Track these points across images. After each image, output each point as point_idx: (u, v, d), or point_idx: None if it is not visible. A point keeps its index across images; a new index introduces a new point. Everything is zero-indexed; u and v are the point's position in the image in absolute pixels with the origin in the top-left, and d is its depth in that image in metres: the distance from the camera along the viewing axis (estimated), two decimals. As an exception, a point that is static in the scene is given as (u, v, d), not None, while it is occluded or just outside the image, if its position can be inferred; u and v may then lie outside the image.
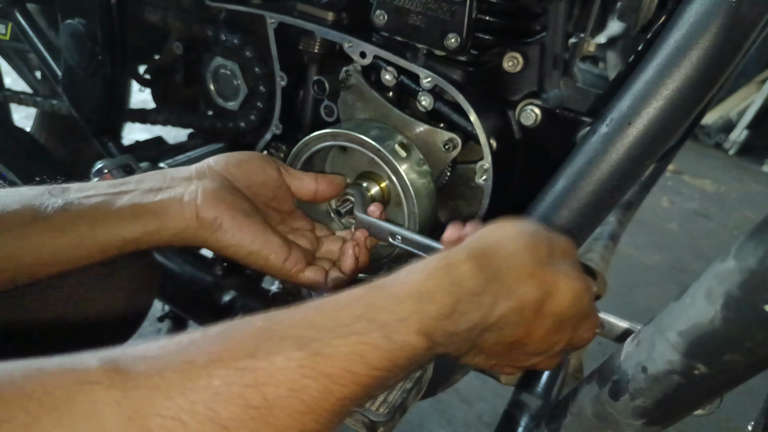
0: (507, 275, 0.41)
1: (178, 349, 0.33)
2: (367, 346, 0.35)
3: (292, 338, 0.34)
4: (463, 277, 0.40)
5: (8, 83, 1.52)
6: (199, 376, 0.31)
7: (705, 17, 0.52)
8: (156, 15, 0.89)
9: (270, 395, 0.32)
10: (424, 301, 0.38)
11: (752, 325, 0.30)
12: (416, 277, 0.40)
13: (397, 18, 0.66)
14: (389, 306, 0.38)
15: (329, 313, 0.37)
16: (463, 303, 0.39)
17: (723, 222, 2.72)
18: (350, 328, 0.36)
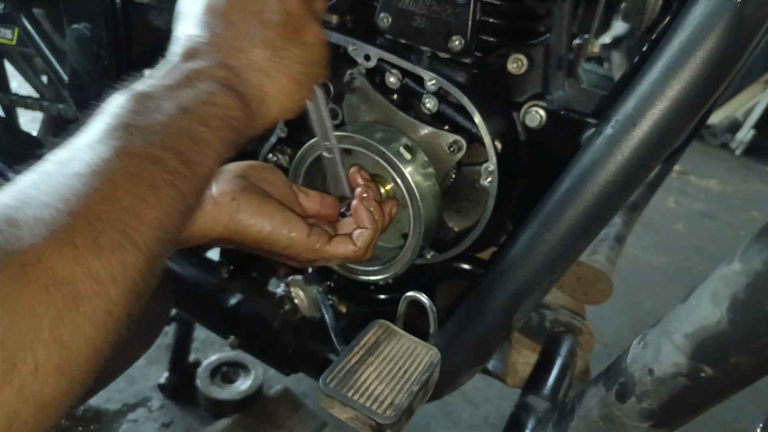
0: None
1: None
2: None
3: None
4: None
5: (14, 87, 1.53)
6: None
7: (709, 18, 0.52)
8: (161, 19, 0.89)
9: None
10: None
11: (758, 328, 0.30)
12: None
13: (401, 21, 0.67)
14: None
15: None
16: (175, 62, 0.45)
17: (729, 222, 2.71)
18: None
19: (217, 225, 0.54)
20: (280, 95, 0.49)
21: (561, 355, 0.74)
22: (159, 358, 1.52)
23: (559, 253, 0.61)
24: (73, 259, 0.30)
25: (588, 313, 0.93)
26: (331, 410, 0.55)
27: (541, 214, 0.62)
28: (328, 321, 0.75)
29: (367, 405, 0.52)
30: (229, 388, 1.46)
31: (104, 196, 0.33)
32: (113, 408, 1.44)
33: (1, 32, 1.10)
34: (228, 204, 0.53)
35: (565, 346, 0.77)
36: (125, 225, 0.33)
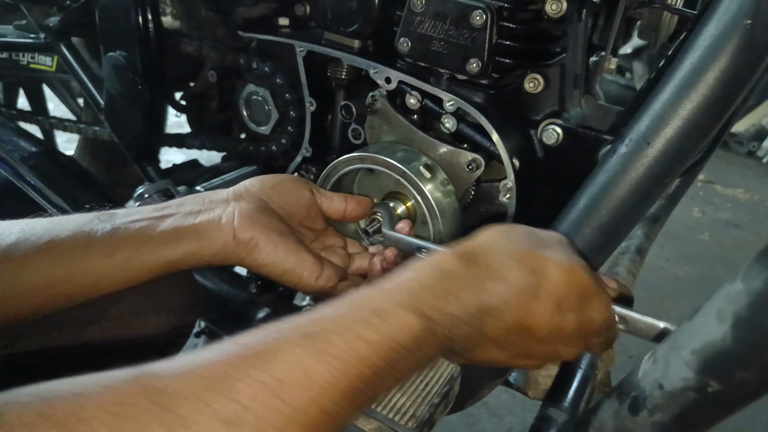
0: (495, 263, 0.44)
1: (203, 354, 0.36)
2: (367, 330, 0.38)
3: (298, 332, 0.38)
4: (453, 268, 0.44)
5: (50, 109, 1.60)
6: (227, 375, 0.34)
7: (721, 39, 0.53)
8: (192, 46, 0.94)
9: (288, 384, 0.35)
10: (415, 289, 0.42)
11: (761, 345, 0.31)
12: (407, 275, 0.43)
13: (421, 45, 0.69)
14: (384, 296, 0.41)
15: (330, 309, 0.40)
16: (455, 287, 0.42)
17: (756, 231, 2.66)
18: (349, 318, 0.39)
19: (235, 258, 0.57)
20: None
21: (581, 368, 0.74)
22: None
23: (577, 268, 0.62)
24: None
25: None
26: (354, 421, 0.57)
27: (558, 231, 0.64)
28: (353, 334, 0.77)
29: (389, 416, 0.54)
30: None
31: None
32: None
33: (42, 60, 1.16)
34: (246, 242, 0.57)
35: (585, 358, 0.78)
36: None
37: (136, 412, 0.31)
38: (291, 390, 0.35)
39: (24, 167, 0.96)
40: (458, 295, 0.42)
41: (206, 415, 0.32)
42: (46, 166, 0.95)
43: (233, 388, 0.34)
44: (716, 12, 0.53)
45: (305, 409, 0.35)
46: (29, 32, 1.15)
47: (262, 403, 0.34)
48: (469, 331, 0.43)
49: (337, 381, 0.36)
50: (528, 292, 0.43)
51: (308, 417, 0.35)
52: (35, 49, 1.17)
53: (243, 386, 0.34)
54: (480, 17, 0.64)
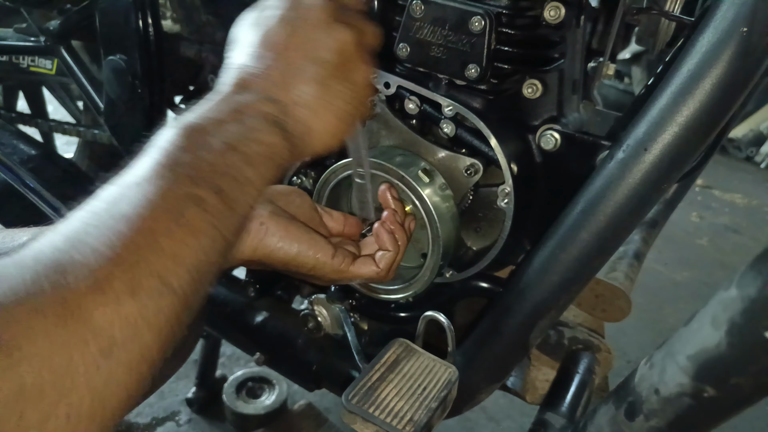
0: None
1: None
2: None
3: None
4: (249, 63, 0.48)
5: (50, 112, 1.60)
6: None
7: (717, 46, 0.54)
8: (192, 50, 0.94)
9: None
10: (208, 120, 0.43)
11: (755, 351, 0.31)
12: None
13: (420, 50, 0.69)
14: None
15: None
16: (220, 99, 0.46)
17: (755, 236, 2.67)
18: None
19: (247, 249, 0.57)
20: (323, 131, 0.49)
21: (579, 373, 0.75)
22: (187, 373, 1.56)
23: (574, 273, 0.62)
24: (112, 306, 0.31)
25: (610, 329, 0.94)
26: (353, 426, 0.57)
27: (555, 235, 0.64)
28: (351, 339, 0.78)
29: (387, 421, 0.55)
30: (255, 402, 1.49)
31: (147, 241, 0.33)
32: (143, 422, 1.48)
33: (42, 63, 1.16)
34: (257, 229, 0.56)
35: (583, 363, 0.78)
36: (164, 270, 0.33)
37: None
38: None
39: (23, 170, 0.96)
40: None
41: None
42: (45, 169, 0.95)
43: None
44: (713, 19, 0.54)
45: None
46: (29, 35, 1.15)
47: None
48: (271, 65, 0.47)
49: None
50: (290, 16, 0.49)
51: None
52: (35, 52, 1.17)
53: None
54: (479, 23, 0.64)
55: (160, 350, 0.34)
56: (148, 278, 0.33)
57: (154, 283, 0.33)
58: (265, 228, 0.57)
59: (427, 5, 0.67)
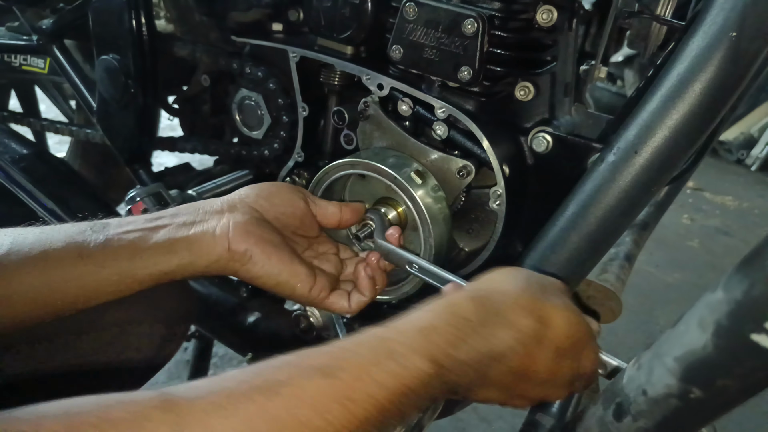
0: (506, 309, 0.46)
1: (220, 382, 0.38)
2: (382, 373, 0.40)
3: (318, 368, 0.39)
4: (465, 313, 0.45)
5: (42, 111, 1.60)
6: (239, 401, 0.36)
7: (707, 51, 0.54)
8: (185, 50, 0.94)
9: (301, 416, 0.36)
10: (430, 333, 0.43)
11: (741, 353, 0.32)
12: (422, 316, 0.45)
13: (413, 52, 0.70)
14: (399, 339, 0.43)
15: (347, 347, 0.42)
16: (467, 334, 0.44)
17: (745, 239, 2.69)
18: (367, 358, 0.41)
19: (228, 270, 0.58)
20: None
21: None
22: (179, 374, 1.56)
23: (565, 275, 0.63)
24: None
25: (602, 330, 0.95)
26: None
27: (547, 237, 0.64)
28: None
29: (379, 421, 0.55)
30: (246, 403, 1.48)
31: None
32: (133, 422, 1.47)
33: (34, 62, 1.16)
34: (241, 254, 0.56)
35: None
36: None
37: (153, 427, 0.33)
38: (303, 423, 0.36)
39: (15, 169, 0.95)
40: (469, 342, 0.44)
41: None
42: (37, 169, 0.95)
43: (246, 415, 0.35)
44: (703, 24, 0.54)
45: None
46: (22, 34, 1.15)
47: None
48: (474, 376, 0.45)
49: (350, 423, 0.38)
50: (534, 339, 0.46)
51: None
52: (28, 51, 1.17)
53: (255, 414, 0.35)
54: (471, 26, 0.65)
55: None
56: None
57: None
58: (249, 255, 0.57)
59: (420, 7, 0.67)
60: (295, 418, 0.36)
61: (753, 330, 0.31)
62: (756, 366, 0.32)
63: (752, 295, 0.31)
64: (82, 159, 1.46)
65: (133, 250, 0.54)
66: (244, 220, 0.58)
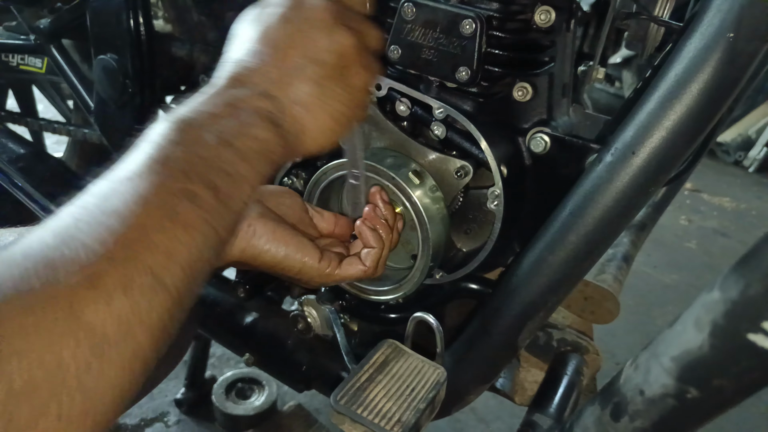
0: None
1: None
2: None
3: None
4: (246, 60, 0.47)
5: (40, 110, 1.59)
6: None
7: (704, 52, 0.54)
8: (183, 50, 0.94)
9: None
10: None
11: (737, 353, 0.32)
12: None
13: (411, 53, 0.70)
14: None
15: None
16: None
17: (743, 240, 2.69)
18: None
19: (234, 250, 0.57)
20: (317, 132, 0.48)
21: (567, 374, 0.75)
22: (176, 374, 1.55)
23: (563, 275, 0.63)
24: (103, 304, 0.30)
25: (599, 331, 0.95)
26: (341, 426, 0.57)
27: (544, 237, 0.64)
28: (340, 340, 0.78)
29: (375, 422, 0.55)
30: (244, 403, 1.48)
31: (139, 237, 0.32)
32: (131, 423, 1.47)
33: (32, 61, 1.16)
34: (245, 230, 0.56)
35: (571, 365, 0.78)
36: (157, 267, 0.33)
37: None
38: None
39: (12, 169, 0.95)
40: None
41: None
42: (35, 168, 0.95)
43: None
44: (700, 25, 0.54)
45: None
46: (19, 33, 1.15)
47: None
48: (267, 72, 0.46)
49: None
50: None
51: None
52: (25, 50, 1.16)
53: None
54: (470, 26, 0.65)
55: (153, 349, 0.33)
56: (141, 275, 0.32)
57: (146, 280, 0.32)
58: (252, 230, 0.57)
59: (418, 8, 0.67)
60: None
61: (749, 330, 0.31)
62: (752, 366, 0.32)
63: (748, 294, 0.31)
64: (80, 159, 1.45)
65: None
66: None
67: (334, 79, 0.49)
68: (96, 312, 0.30)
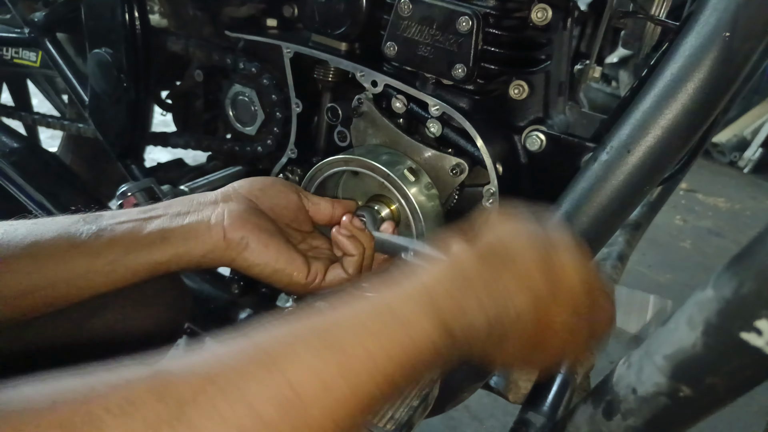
0: (514, 266, 0.42)
1: (216, 357, 0.35)
2: (389, 343, 0.37)
3: (314, 336, 0.36)
4: (470, 271, 0.42)
5: (35, 105, 1.59)
6: (239, 378, 0.33)
7: (700, 51, 0.54)
8: (178, 45, 0.93)
9: (304, 394, 0.34)
10: (436, 296, 0.40)
11: (729, 351, 0.32)
12: (426, 275, 0.42)
13: (407, 49, 0.70)
14: (404, 303, 0.39)
15: (346, 311, 0.39)
16: (475, 294, 0.41)
17: (737, 240, 2.70)
18: (370, 327, 0.37)
19: (225, 259, 0.57)
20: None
21: (561, 373, 0.75)
22: (169, 370, 1.55)
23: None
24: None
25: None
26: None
27: (539, 236, 0.64)
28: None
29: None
30: (238, 400, 1.48)
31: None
32: (124, 419, 1.46)
33: (26, 55, 1.15)
34: (237, 242, 0.56)
35: (565, 363, 0.78)
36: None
37: (146, 414, 0.30)
38: (307, 399, 0.33)
39: (5, 163, 0.95)
40: (479, 304, 0.40)
41: (216, 422, 0.31)
42: (29, 163, 0.94)
43: (246, 393, 0.33)
44: (696, 24, 0.54)
45: (320, 419, 0.34)
46: (13, 27, 1.14)
47: (276, 410, 0.33)
48: (488, 340, 0.41)
49: (354, 395, 0.35)
50: (546, 295, 0.42)
51: (322, 428, 0.34)
52: (19, 44, 1.16)
53: (256, 391, 0.33)
54: (466, 23, 0.65)
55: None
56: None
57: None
58: (245, 242, 0.56)
59: (415, 4, 0.67)
60: (297, 395, 0.33)
61: (742, 328, 0.31)
62: (745, 364, 0.32)
63: (741, 293, 0.31)
64: (74, 154, 1.44)
65: (127, 240, 0.53)
66: (239, 209, 0.58)
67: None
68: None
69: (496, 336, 0.41)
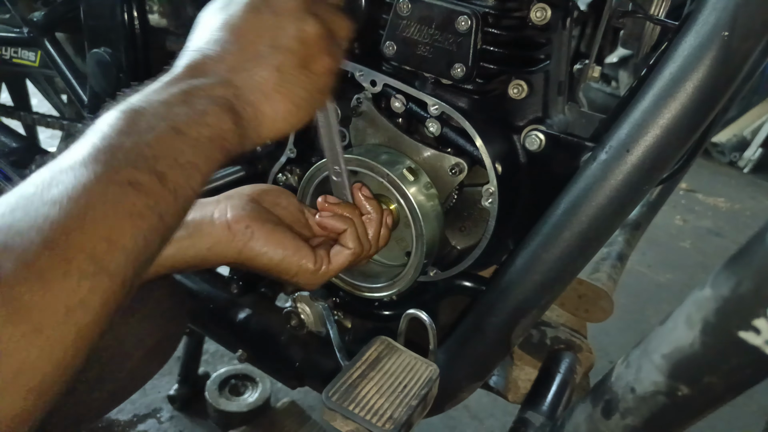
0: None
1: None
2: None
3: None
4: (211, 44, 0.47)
5: (34, 104, 1.58)
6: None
7: (699, 50, 0.54)
8: (178, 44, 0.93)
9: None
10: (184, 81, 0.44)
11: (727, 350, 0.32)
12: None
13: (406, 49, 0.70)
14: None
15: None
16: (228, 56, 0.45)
17: (737, 240, 2.70)
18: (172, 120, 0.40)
19: (231, 251, 0.57)
20: (276, 117, 0.48)
21: (560, 372, 0.75)
22: (170, 370, 1.55)
23: (556, 273, 0.63)
24: (42, 288, 0.31)
25: (593, 329, 0.95)
26: (333, 423, 0.57)
27: (539, 235, 0.64)
28: (333, 336, 0.78)
29: (367, 418, 0.55)
30: (238, 400, 1.48)
31: (79, 225, 0.33)
32: (124, 419, 1.47)
33: (25, 55, 1.15)
34: (242, 231, 0.56)
35: (564, 363, 0.79)
36: (98, 253, 0.33)
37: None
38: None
39: (4, 163, 0.95)
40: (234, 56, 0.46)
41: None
42: (28, 163, 0.94)
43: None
44: (695, 23, 0.54)
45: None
46: (12, 26, 1.14)
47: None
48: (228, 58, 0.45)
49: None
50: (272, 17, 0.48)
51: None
52: (18, 43, 1.15)
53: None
54: (465, 23, 0.64)
55: (98, 328, 0.34)
56: (81, 261, 0.33)
57: (87, 266, 0.33)
58: (250, 231, 0.57)
59: (414, 4, 0.67)
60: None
61: (740, 327, 0.31)
62: (743, 363, 0.32)
63: (739, 292, 0.31)
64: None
65: None
66: (242, 204, 0.58)
67: (296, 66, 0.48)
68: (33, 296, 0.31)
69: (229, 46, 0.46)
